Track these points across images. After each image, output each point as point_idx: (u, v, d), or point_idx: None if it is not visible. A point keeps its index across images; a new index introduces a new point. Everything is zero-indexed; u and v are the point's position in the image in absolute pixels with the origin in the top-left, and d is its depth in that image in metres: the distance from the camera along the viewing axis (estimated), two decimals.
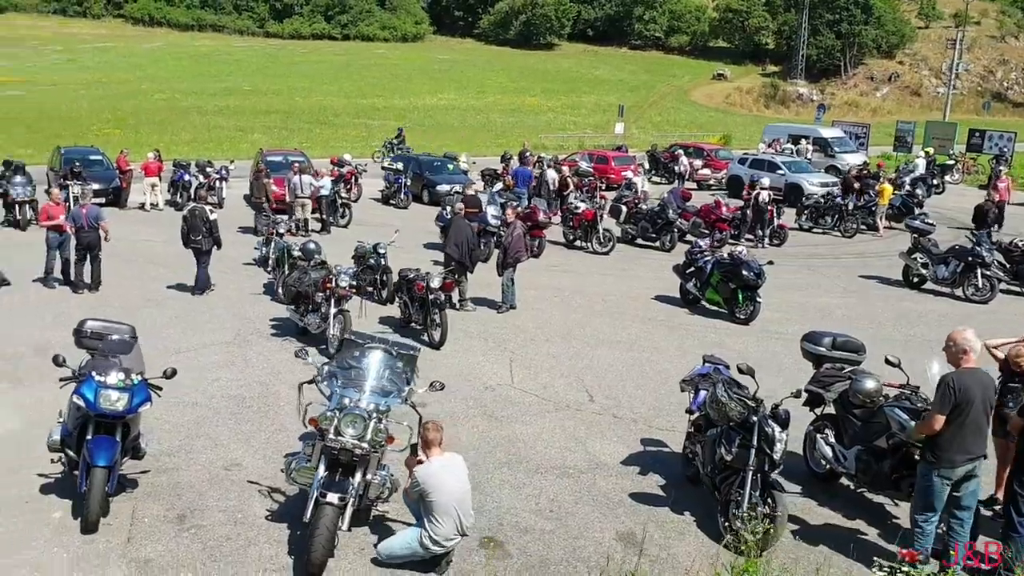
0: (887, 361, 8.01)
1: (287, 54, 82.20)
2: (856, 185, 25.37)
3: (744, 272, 14.54)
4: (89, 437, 7.03)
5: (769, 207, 22.12)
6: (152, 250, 19.60)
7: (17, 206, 20.82)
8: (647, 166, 34.93)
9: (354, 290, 12.68)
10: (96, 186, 24.35)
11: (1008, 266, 17.23)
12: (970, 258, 16.58)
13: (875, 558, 6.83)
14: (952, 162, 35.74)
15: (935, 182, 31.90)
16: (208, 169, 26.08)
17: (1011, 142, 36.31)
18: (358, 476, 6.72)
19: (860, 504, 8.06)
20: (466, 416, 10.04)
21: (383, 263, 15.43)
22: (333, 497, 6.39)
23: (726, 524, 7.04)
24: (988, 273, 16.46)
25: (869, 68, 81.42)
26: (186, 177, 25.45)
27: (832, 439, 8.17)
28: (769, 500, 7.03)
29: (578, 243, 21.48)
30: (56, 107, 53.65)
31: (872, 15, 79.06)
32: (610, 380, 11.55)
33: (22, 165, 23.00)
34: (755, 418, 7.20)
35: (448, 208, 18.84)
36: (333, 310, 12.17)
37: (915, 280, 17.74)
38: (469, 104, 66.59)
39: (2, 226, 20.90)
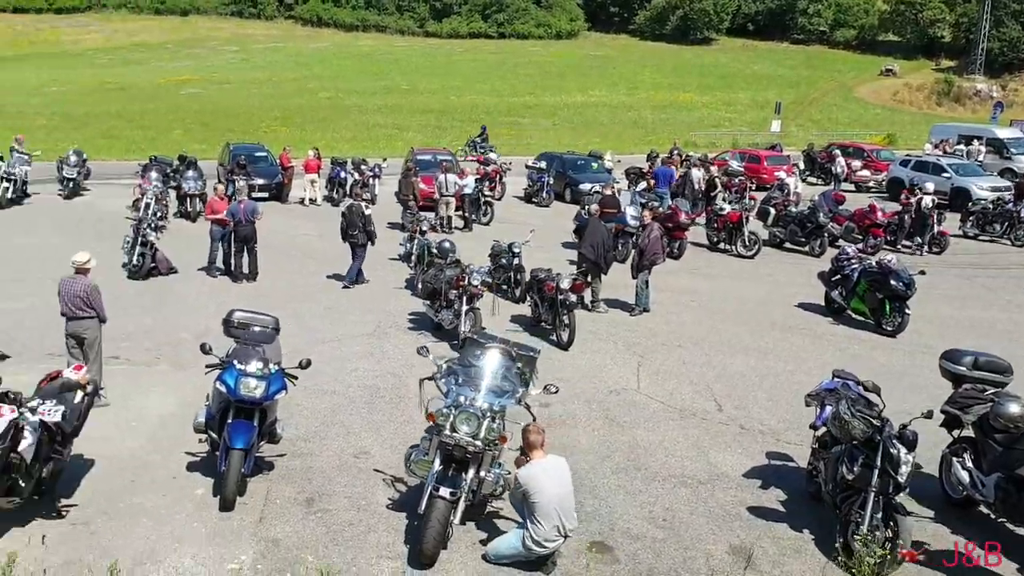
0: None
1: (444, 53, 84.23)
2: None
3: (893, 281, 13.86)
4: (229, 421, 7.57)
5: (931, 213, 20.90)
6: (308, 244, 20.68)
7: (188, 199, 22.44)
8: (802, 166, 33.70)
9: (486, 288, 12.95)
10: (260, 181, 26.04)
11: None
12: None
13: None
14: None
15: None
16: (363, 167, 27.22)
17: None
18: (471, 472, 6.93)
19: (998, 535, 7.56)
20: (587, 419, 10.09)
21: (517, 262, 15.68)
22: (445, 491, 6.63)
23: (843, 544, 6.81)
24: None
25: None
26: (342, 174, 26.66)
27: (970, 464, 7.72)
28: (891, 524, 6.74)
29: (722, 246, 21.04)
30: (229, 104, 57.24)
31: None
32: (741, 389, 11.31)
33: (194, 160, 24.78)
34: (879, 438, 6.91)
35: (584, 208, 18.87)
36: (465, 307, 12.51)
37: None
38: (620, 101, 66.11)
39: (175, 217, 22.55)
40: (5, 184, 23.27)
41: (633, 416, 10.26)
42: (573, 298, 13.14)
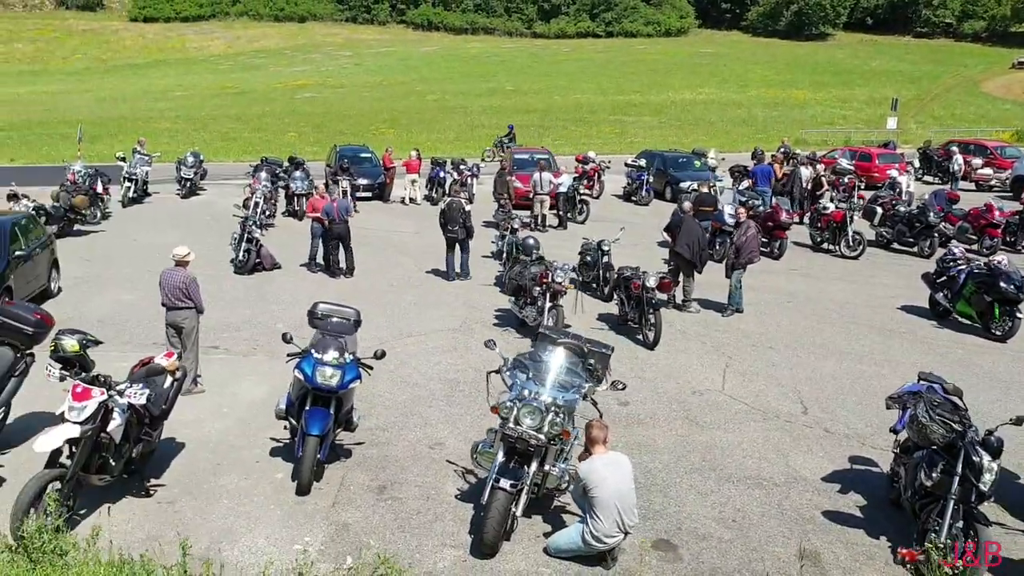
0: None
1: (550, 53, 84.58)
2: None
3: (1003, 284, 13.16)
4: (307, 408, 7.85)
5: None
6: (404, 241, 21.15)
7: (296, 198, 23.27)
8: (917, 164, 32.28)
9: (571, 285, 12.96)
10: (364, 181, 26.80)
11: None
12: None
13: None
14: None
15: None
16: (461, 167, 27.59)
17: None
18: (534, 465, 6.98)
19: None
20: (667, 418, 9.98)
21: (606, 260, 15.61)
22: (505, 483, 6.69)
23: (934, 556, 6.54)
24: None
25: None
26: (442, 174, 27.09)
27: None
28: (971, 533, 6.42)
29: (825, 246, 20.38)
30: (341, 107, 59.06)
31: None
32: (829, 392, 10.96)
33: (302, 162, 25.67)
34: (961, 443, 6.59)
35: (677, 207, 18.62)
36: (548, 304, 12.56)
37: None
38: (729, 98, 64.86)
39: (283, 215, 23.43)
40: (127, 184, 24.69)
41: (714, 417, 10.09)
42: (660, 296, 13.02)
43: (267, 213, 22.10)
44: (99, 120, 49.10)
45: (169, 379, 7.81)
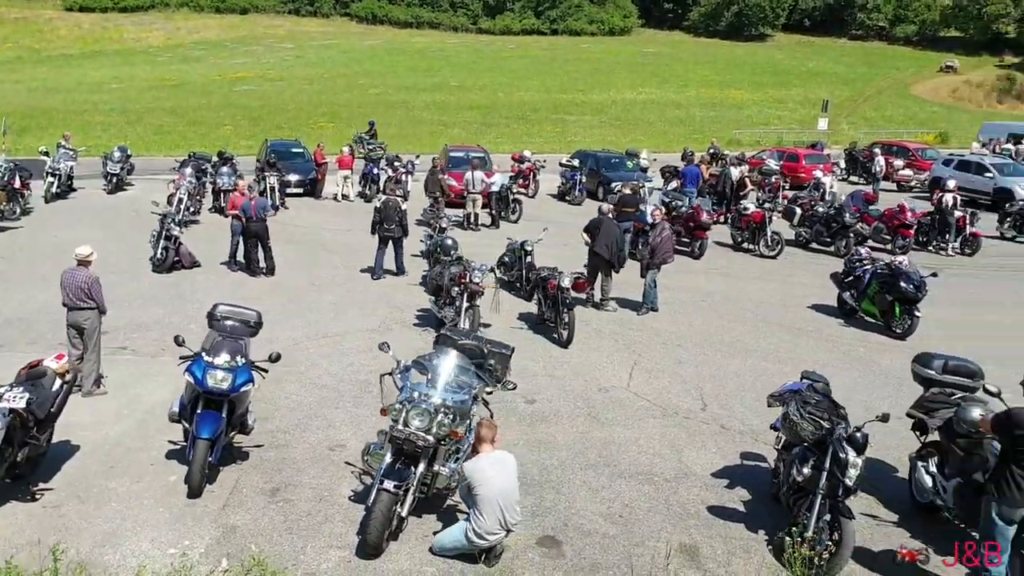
0: (985, 390, 7.37)
1: (495, 50, 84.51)
2: None
3: (902, 283, 13.65)
4: (198, 411, 7.85)
5: (960, 213, 20.43)
6: (333, 239, 21.06)
7: (223, 194, 23.00)
8: (843, 165, 33.14)
9: (488, 285, 13.09)
10: (295, 177, 26.60)
11: None
12: None
13: None
14: None
15: None
16: (396, 163, 27.53)
17: None
18: (421, 466, 7.09)
19: (960, 541, 7.44)
20: (571, 416, 10.18)
21: (529, 260, 15.78)
22: (389, 484, 6.79)
23: (778, 544, 6.82)
24: None
25: None
26: (375, 170, 27.01)
27: (933, 468, 7.64)
28: (837, 527, 6.70)
29: (746, 245, 20.85)
30: (280, 101, 58.29)
31: None
32: (730, 390, 11.27)
33: (231, 157, 25.35)
34: (829, 440, 6.88)
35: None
36: (465, 304, 12.68)
37: None
38: (669, 98, 65.55)
39: (210, 212, 23.15)
40: (50, 179, 24.13)
41: (616, 414, 10.31)
42: (574, 296, 13.22)
43: (191, 210, 21.84)
44: (29, 112, 47.77)
45: (58, 381, 7.74)
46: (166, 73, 71.67)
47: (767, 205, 22.96)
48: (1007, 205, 23.29)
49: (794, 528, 6.78)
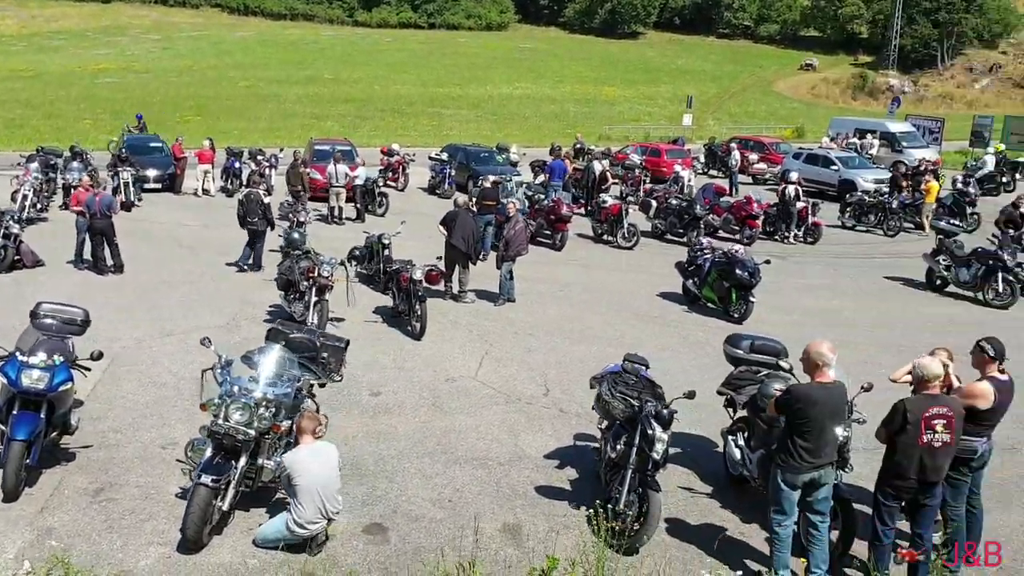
0: (778, 367, 7.94)
1: (371, 43, 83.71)
2: (904, 183, 24.51)
3: (738, 271, 14.40)
4: (14, 412, 7.60)
5: (802, 204, 21.64)
6: (190, 234, 20.55)
7: (72, 189, 22.04)
8: (703, 159, 34.48)
9: (337, 280, 13.09)
10: (153, 172, 25.78)
11: None
12: (991, 261, 15.97)
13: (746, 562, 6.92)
14: None
15: (1004, 180, 30.51)
16: (259, 157, 27.05)
17: None
18: (243, 460, 7.10)
19: (763, 510, 7.98)
20: (414, 406, 10.32)
21: (387, 253, 15.81)
22: (207, 479, 6.78)
23: (600, 518, 7.15)
24: (1010, 277, 15.81)
25: (968, 59, 77.78)
26: (237, 165, 26.46)
27: (741, 442, 8.17)
28: (645, 499, 7.10)
29: (605, 237, 21.47)
30: (144, 94, 56.14)
31: (974, 3, 75.45)
32: (573, 375, 11.64)
33: (82, 152, 24.38)
34: (639, 418, 7.27)
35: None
36: (314, 298, 12.64)
37: (938, 283, 17.18)
38: (545, 94, 66.56)
39: (60, 208, 22.18)
40: None
41: (460, 403, 10.52)
42: (428, 288, 13.38)
43: (39, 207, 20.91)
44: None
45: None
46: (20, 63, 67.83)
47: (630, 198, 23.77)
48: (847, 196, 24.78)
49: (608, 503, 7.14)
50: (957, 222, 18.45)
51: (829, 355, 6.44)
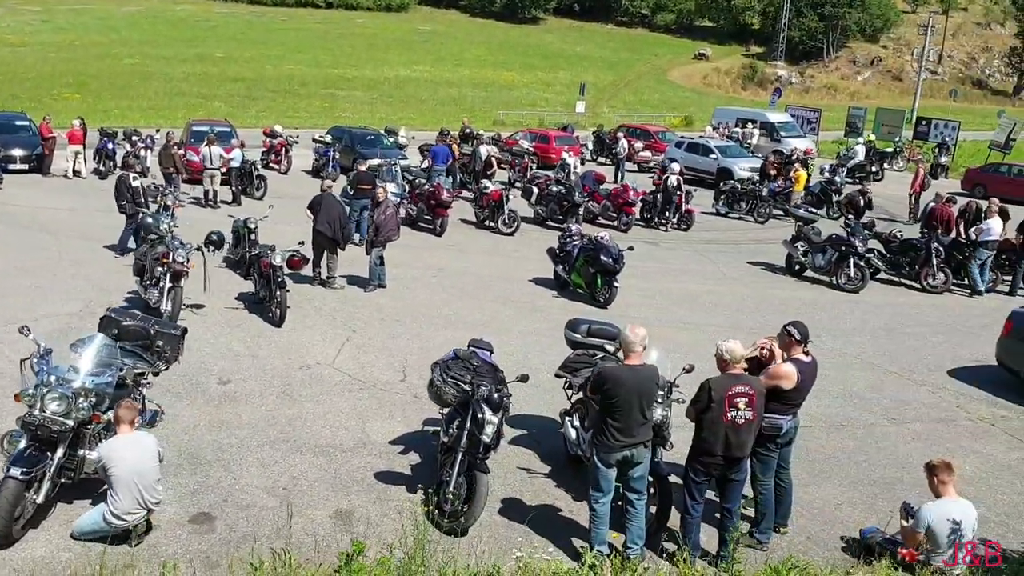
0: (604, 349, 8.21)
1: (266, 22, 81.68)
2: (773, 171, 25.47)
3: (603, 257, 14.71)
4: None
5: (678, 192, 22.24)
6: (54, 218, 19.75)
7: None
8: (591, 147, 34.99)
9: (193, 266, 12.81)
10: (19, 152, 24.66)
11: (887, 256, 17.44)
12: (844, 247, 16.77)
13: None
14: (894, 149, 35.81)
15: (874, 169, 32.01)
16: (134, 138, 26.16)
17: (955, 131, 36.33)
18: (59, 451, 6.91)
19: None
20: (262, 395, 10.20)
21: (253, 238, 15.53)
22: (16, 471, 6.59)
23: (427, 501, 7.27)
24: (861, 263, 16.64)
25: (852, 51, 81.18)
26: (110, 146, 25.52)
27: (577, 423, 8.40)
28: (472, 481, 7.24)
29: (487, 223, 21.60)
30: (19, 69, 53.40)
31: None
32: (432, 360, 11.70)
33: None
34: (471, 401, 7.41)
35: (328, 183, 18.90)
36: (168, 285, 12.35)
37: (796, 268, 17.94)
38: (443, 77, 66.30)
39: None
40: None
41: (312, 390, 10.45)
42: (290, 274, 13.24)
43: None
44: None
45: None
46: None
47: (516, 184, 23.97)
48: (721, 184, 25.58)
49: (440, 486, 7.25)
50: (818, 210, 19.26)
51: (634, 339, 6.71)
